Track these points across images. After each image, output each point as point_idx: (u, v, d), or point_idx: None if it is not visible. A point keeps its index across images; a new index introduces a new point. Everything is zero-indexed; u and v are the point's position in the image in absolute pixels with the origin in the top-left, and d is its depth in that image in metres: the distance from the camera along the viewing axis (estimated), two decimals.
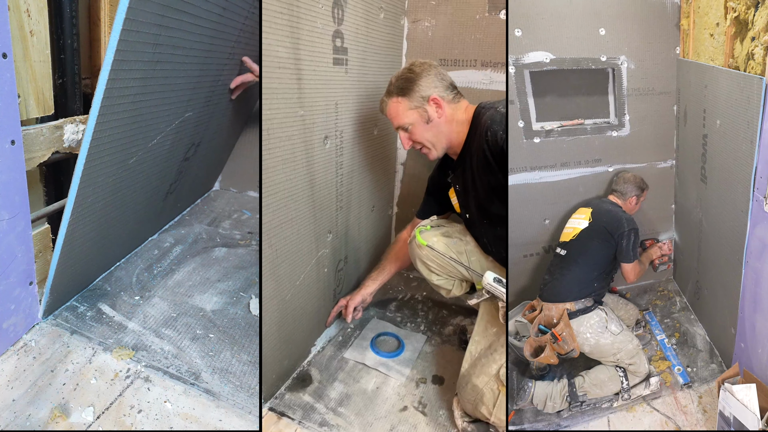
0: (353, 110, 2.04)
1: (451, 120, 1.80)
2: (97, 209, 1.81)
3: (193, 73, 1.96)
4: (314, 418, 1.75)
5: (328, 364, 2.04)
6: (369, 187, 2.34)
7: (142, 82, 1.61)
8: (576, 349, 1.95)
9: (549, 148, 2.27)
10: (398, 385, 1.94)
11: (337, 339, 2.20)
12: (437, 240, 1.93)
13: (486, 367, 1.70)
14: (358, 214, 2.26)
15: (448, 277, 2.02)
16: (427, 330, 2.30)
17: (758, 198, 1.71)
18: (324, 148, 1.87)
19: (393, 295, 2.57)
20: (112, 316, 1.99)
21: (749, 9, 1.72)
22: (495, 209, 1.81)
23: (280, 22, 1.51)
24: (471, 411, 1.72)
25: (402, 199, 2.61)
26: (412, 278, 2.71)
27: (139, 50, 1.49)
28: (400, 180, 2.58)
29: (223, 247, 2.67)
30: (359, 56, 2.01)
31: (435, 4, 2.23)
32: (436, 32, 2.29)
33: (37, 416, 1.53)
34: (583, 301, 2.00)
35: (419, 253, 1.97)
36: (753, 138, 1.69)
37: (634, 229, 2.13)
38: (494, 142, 1.65)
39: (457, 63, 2.29)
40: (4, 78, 1.50)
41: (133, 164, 1.88)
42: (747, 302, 1.83)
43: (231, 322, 2.06)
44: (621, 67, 2.26)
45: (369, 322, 2.33)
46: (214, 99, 2.33)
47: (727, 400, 1.69)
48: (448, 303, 2.49)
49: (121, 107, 1.57)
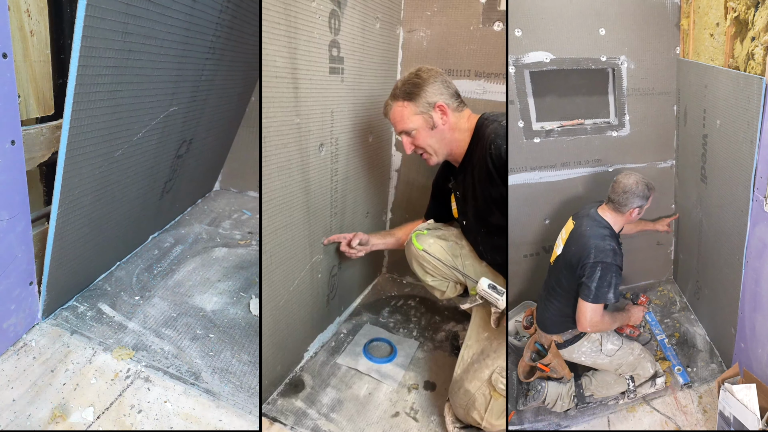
0: (349, 118, 2.06)
1: (455, 128, 1.81)
2: (87, 203, 1.82)
3: (172, 66, 1.98)
4: (306, 424, 1.76)
5: (320, 369, 2.04)
6: (363, 193, 2.36)
7: (117, 71, 1.62)
8: (566, 376, 1.96)
9: (549, 148, 2.27)
10: (390, 391, 1.94)
11: (329, 344, 2.20)
12: (433, 243, 1.96)
13: (479, 373, 1.71)
14: (353, 219, 2.27)
15: (443, 279, 2.03)
16: (419, 336, 2.31)
17: (758, 198, 1.71)
18: (319, 155, 1.89)
19: (386, 301, 2.57)
20: (112, 316, 1.99)
21: (749, 9, 1.72)
22: (493, 219, 1.82)
23: (278, 33, 1.54)
24: (463, 416, 1.72)
25: (396, 205, 2.64)
26: (405, 284, 2.71)
27: (108, 38, 1.51)
28: (395, 186, 2.60)
29: (223, 247, 2.67)
30: (355, 65, 2.04)
31: (430, 15, 2.27)
32: (431, 42, 2.33)
33: (37, 416, 1.53)
34: (570, 331, 1.90)
35: (415, 256, 1.99)
36: (753, 138, 1.69)
37: (603, 262, 1.73)
38: (497, 156, 1.67)
39: (452, 73, 2.32)
40: (4, 78, 1.50)
41: (120, 157, 1.89)
42: (747, 302, 1.83)
43: (231, 322, 2.06)
44: (621, 67, 2.26)
45: (362, 327, 2.33)
46: (200, 95, 2.34)
47: (727, 400, 1.69)
48: (440, 309, 2.50)
49: (97, 95, 1.58)
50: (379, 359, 2.09)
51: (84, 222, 1.86)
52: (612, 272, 1.74)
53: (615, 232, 1.87)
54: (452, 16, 2.26)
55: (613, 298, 1.75)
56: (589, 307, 1.75)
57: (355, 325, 2.34)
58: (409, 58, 2.37)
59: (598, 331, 1.86)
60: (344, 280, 2.32)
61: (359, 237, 2.10)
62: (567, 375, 1.96)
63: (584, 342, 1.91)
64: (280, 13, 1.53)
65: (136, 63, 1.71)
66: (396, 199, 2.64)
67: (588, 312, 1.76)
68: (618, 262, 1.77)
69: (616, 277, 1.75)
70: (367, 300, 2.54)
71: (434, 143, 1.82)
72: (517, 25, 2.08)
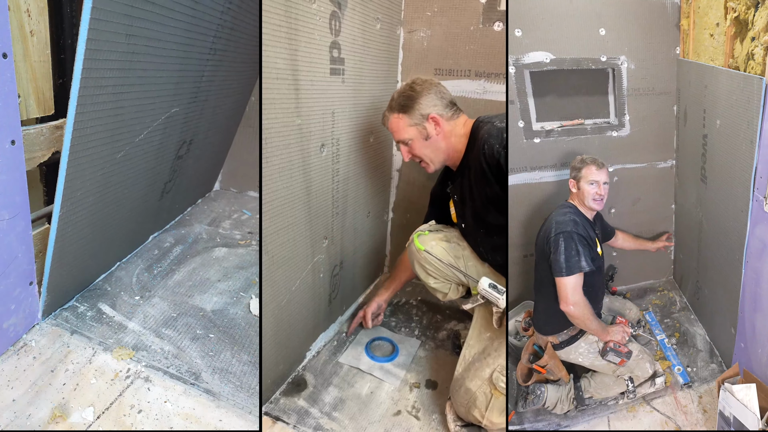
0: (350, 119, 2.07)
1: (450, 135, 1.86)
2: (88, 204, 1.82)
3: (174, 67, 1.99)
4: (309, 423, 1.76)
5: (323, 368, 2.04)
6: (365, 193, 2.36)
7: (121, 74, 1.64)
8: (564, 377, 1.96)
9: (549, 148, 2.27)
10: (392, 390, 1.94)
11: (332, 343, 2.20)
12: (435, 244, 1.98)
13: (480, 371, 1.72)
14: (354, 220, 2.28)
15: (445, 280, 2.04)
16: (421, 335, 2.31)
17: (758, 198, 1.71)
18: (320, 156, 1.90)
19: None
20: (112, 316, 1.99)
21: (749, 9, 1.73)
22: (491, 218, 1.84)
23: (279, 35, 1.54)
24: (464, 414, 1.73)
25: (397, 205, 2.65)
26: (407, 283, 2.69)
27: (112, 40, 1.52)
28: (396, 186, 2.61)
29: (224, 247, 2.67)
30: (356, 66, 2.04)
31: (430, 15, 2.28)
32: (431, 42, 2.34)
33: (37, 416, 1.53)
34: (566, 332, 1.89)
35: (417, 257, 2.00)
36: (753, 138, 1.69)
37: (564, 232, 1.73)
38: (491, 155, 1.70)
39: (452, 73, 2.33)
40: (4, 78, 1.50)
41: (121, 159, 1.90)
42: (747, 302, 1.83)
43: (231, 322, 2.06)
44: (621, 67, 2.26)
45: (363, 327, 2.33)
46: (200, 95, 2.36)
47: (727, 400, 1.69)
48: (442, 308, 2.50)
49: (101, 98, 1.59)
50: (381, 358, 2.09)
51: (85, 223, 1.87)
52: (574, 240, 1.72)
53: (579, 211, 1.90)
54: (452, 16, 2.28)
55: (587, 265, 1.72)
56: (565, 282, 1.71)
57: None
58: (410, 58, 2.39)
59: (580, 316, 1.76)
60: (346, 280, 2.32)
61: (370, 309, 2.26)
62: (564, 377, 1.96)
63: (581, 343, 1.90)
64: (280, 15, 1.54)
65: (139, 65, 1.72)
66: (397, 199, 2.65)
67: (566, 288, 1.71)
68: (580, 231, 1.75)
69: (581, 245, 1.72)
70: (369, 299, 2.53)
71: (429, 153, 1.88)
72: (517, 25, 2.08)
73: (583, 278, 1.75)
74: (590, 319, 1.79)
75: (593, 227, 1.94)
